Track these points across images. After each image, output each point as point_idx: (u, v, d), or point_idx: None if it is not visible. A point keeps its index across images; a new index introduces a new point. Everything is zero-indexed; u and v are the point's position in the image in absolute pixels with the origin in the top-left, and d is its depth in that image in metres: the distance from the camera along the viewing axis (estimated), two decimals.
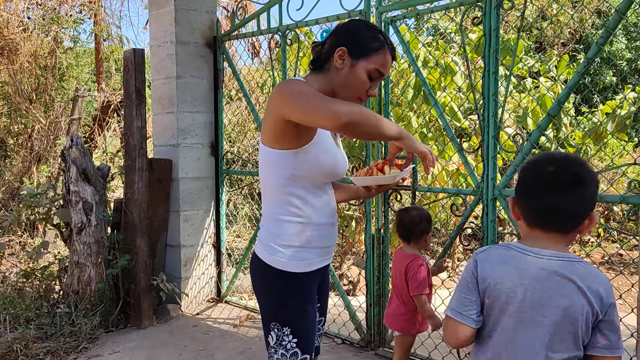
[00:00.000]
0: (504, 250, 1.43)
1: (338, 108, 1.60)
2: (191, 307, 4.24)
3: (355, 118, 1.60)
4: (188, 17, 4.11)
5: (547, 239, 1.38)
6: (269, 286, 1.84)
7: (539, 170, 1.39)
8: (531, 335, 1.35)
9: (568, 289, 1.32)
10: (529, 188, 1.41)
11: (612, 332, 1.34)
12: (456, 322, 1.43)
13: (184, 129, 4.14)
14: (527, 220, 1.41)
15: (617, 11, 2.26)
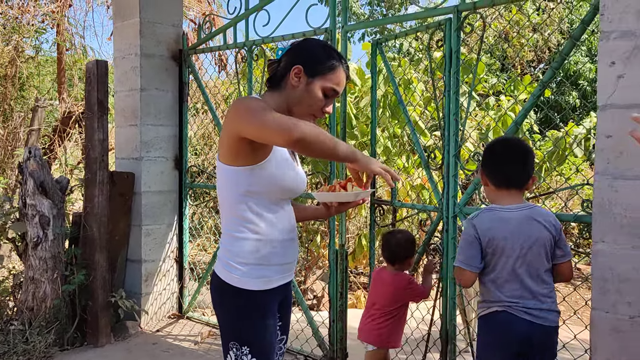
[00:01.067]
0: (489, 212, 2.05)
1: (290, 125, 1.62)
2: (151, 324, 4.15)
3: (306, 136, 1.62)
4: (154, 29, 4.08)
5: (510, 195, 2.06)
6: (228, 304, 1.83)
7: (500, 148, 2.13)
8: (521, 260, 1.99)
9: (535, 225, 1.99)
10: (495, 160, 2.09)
11: (564, 245, 2.04)
12: (464, 270, 2.04)
13: (148, 142, 4.09)
14: (495, 184, 2.08)
15: (583, 22, 2.35)
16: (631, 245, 1.92)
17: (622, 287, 1.95)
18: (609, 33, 1.97)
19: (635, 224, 1.91)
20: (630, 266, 1.93)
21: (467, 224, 2.07)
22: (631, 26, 1.92)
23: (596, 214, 2.02)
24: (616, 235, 1.96)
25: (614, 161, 1.97)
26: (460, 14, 2.75)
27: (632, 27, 1.92)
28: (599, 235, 2.00)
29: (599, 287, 2.00)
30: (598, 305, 2.00)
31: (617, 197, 1.96)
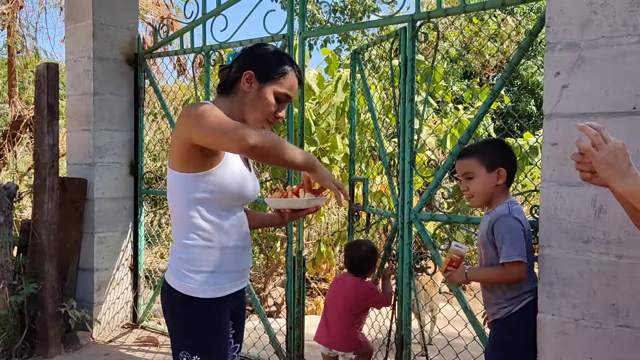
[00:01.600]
0: (517, 206, 2.12)
1: (244, 132, 1.61)
2: (104, 334, 4.04)
3: (261, 143, 1.62)
4: (107, 32, 3.99)
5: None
6: (178, 313, 1.80)
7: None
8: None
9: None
10: (515, 160, 2.18)
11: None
12: (524, 263, 2.02)
13: (101, 147, 3.99)
14: (508, 182, 2.15)
15: (531, 33, 2.42)
16: (575, 249, 1.98)
17: (567, 291, 2.00)
18: (554, 44, 2.03)
19: (579, 229, 1.97)
20: (575, 270, 1.98)
21: (510, 219, 2.06)
22: (575, 38, 1.99)
23: (543, 220, 2.07)
24: (561, 240, 2.01)
25: (559, 168, 2.02)
26: (415, 23, 2.80)
27: (576, 39, 1.99)
28: (545, 240, 2.05)
29: (545, 290, 2.05)
30: (544, 308, 2.05)
31: (562, 203, 2.01)
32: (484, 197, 2.15)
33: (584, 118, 1.96)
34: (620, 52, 1.88)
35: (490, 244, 2.11)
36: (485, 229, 2.13)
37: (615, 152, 1.28)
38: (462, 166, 2.18)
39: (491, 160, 2.12)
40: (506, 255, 2.02)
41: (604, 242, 1.92)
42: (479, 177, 2.13)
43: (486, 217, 2.18)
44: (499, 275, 2.07)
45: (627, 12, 1.87)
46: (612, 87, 1.90)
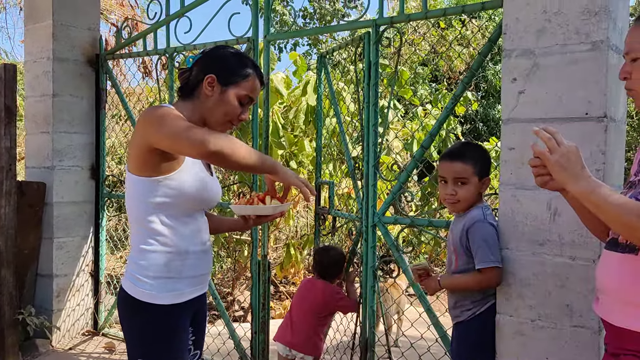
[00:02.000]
0: (490, 211, 2.13)
1: (205, 137, 1.59)
2: (63, 342, 3.94)
3: (223, 148, 1.60)
4: (68, 33, 3.91)
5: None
6: (135, 320, 1.77)
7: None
8: None
9: None
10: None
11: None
12: (500, 269, 2.03)
13: (61, 151, 3.90)
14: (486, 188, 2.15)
15: (490, 40, 2.46)
16: (531, 251, 2.03)
17: (523, 292, 2.05)
18: (511, 51, 2.08)
19: (534, 231, 2.02)
20: (531, 272, 2.03)
21: (486, 225, 2.05)
22: (530, 45, 2.04)
23: (501, 222, 2.11)
24: (518, 243, 2.06)
25: (516, 172, 2.07)
26: (378, 27, 2.82)
27: (531, 46, 2.04)
28: (504, 242, 2.09)
29: (503, 292, 2.09)
30: (502, 309, 2.09)
31: (520, 206, 2.06)
32: (469, 204, 2.12)
33: (540, 123, 2.01)
34: (573, 60, 1.93)
35: (464, 249, 2.09)
36: (459, 233, 2.11)
37: (568, 155, 1.32)
38: (455, 170, 2.11)
39: (483, 168, 2.12)
40: (483, 260, 2.01)
41: (559, 245, 1.97)
42: (471, 185, 2.09)
43: (458, 221, 2.15)
44: (475, 282, 2.05)
45: (580, 20, 1.92)
46: (565, 93, 1.96)
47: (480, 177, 2.10)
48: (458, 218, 2.18)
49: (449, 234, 2.23)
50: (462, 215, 2.14)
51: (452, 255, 2.17)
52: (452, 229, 2.19)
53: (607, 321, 1.42)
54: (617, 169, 2.01)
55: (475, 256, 2.03)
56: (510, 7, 2.08)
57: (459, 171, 2.10)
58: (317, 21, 11.60)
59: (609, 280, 1.40)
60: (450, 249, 2.18)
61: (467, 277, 2.08)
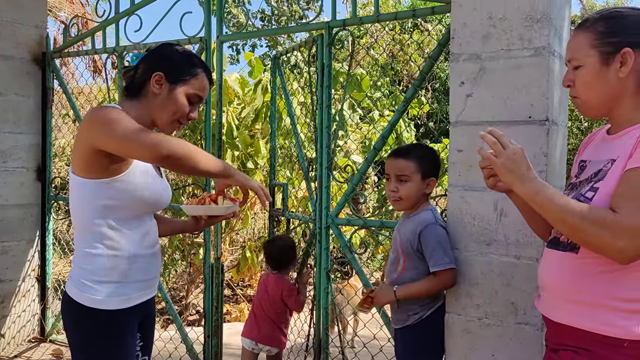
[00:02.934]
0: (438, 213, 2.14)
1: (157, 141, 1.57)
2: (9, 349, 3.80)
3: (175, 153, 1.58)
4: (13, 29, 3.77)
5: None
6: (80, 326, 1.72)
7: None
8: None
9: None
10: (439, 171, 2.17)
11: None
12: (455, 270, 2.03)
13: (5, 152, 3.75)
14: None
15: (440, 44, 2.51)
16: (479, 251, 2.07)
17: (471, 291, 2.09)
18: (459, 55, 2.13)
19: (482, 232, 2.07)
20: (479, 271, 2.08)
21: (438, 227, 2.05)
22: (477, 50, 2.09)
23: (450, 223, 2.15)
24: (467, 243, 2.10)
25: (464, 174, 2.11)
26: (331, 30, 2.83)
27: (478, 51, 2.09)
28: (453, 242, 2.13)
29: (452, 291, 2.13)
30: (451, 308, 2.13)
31: (467, 207, 2.10)
32: (411, 203, 2.11)
33: (487, 125, 2.04)
34: (517, 65, 1.99)
35: (415, 251, 2.07)
36: (409, 236, 2.08)
37: (514, 157, 1.36)
38: (398, 167, 2.10)
39: (427, 168, 2.10)
40: (439, 263, 2.00)
41: (505, 244, 2.02)
42: (413, 183, 2.08)
43: (407, 224, 2.13)
44: (433, 285, 2.04)
45: (523, 26, 1.98)
46: (510, 97, 2.01)
47: (423, 177, 2.10)
48: (406, 219, 2.17)
49: (394, 235, 2.20)
50: (410, 217, 2.14)
51: (399, 257, 2.13)
52: (399, 229, 2.17)
53: (547, 317, 1.47)
54: (558, 170, 2.08)
55: (430, 259, 2.03)
56: (458, 12, 2.12)
57: (401, 168, 2.10)
58: (275, 24, 11.58)
59: (550, 278, 1.44)
60: (396, 251, 2.15)
61: (424, 282, 2.05)
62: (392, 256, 2.17)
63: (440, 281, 2.04)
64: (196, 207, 1.92)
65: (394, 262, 2.16)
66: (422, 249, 2.05)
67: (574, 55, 1.43)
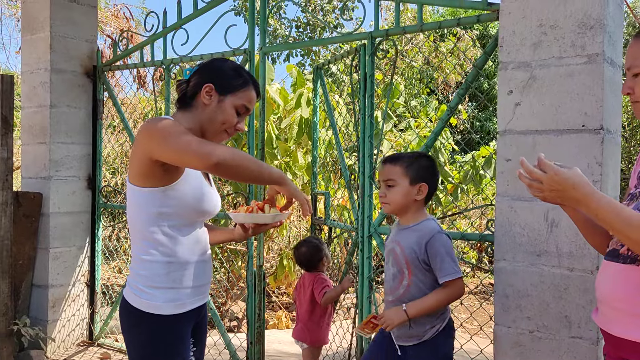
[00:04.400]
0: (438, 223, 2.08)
1: (210, 149, 1.61)
2: (59, 353, 3.92)
3: (226, 160, 1.62)
4: (66, 44, 3.92)
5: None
6: (137, 330, 1.77)
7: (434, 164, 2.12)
8: None
9: None
10: (437, 176, 2.11)
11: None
12: (462, 279, 1.96)
13: (58, 161, 3.89)
14: (428, 199, 2.07)
15: (485, 53, 2.49)
16: (529, 262, 2.04)
17: (521, 303, 2.06)
18: (507, 64, 2.11)
19: (532, 242, 2.03)
20: (529, 282, 2.04)
21: (444, 236, 2.00)
22: (527, 58, 2.07)
23: (498, 233, 2.13)
24: (515, 253, 2.07)
25: (513, 183, 2.09)
26: (374, 40, 2.85)
27: (527, 59, 2.07)
28: (500, 253, 2.11)
29: (500, 303, 2.10)
30: (500, 320, 2.10)
31: (516, 217, 2.08)
32: (399, 208, 2.05)
33: (536, 135, 2.04)
34: (569, 72, 1.96)
35: (421, 263, 1.98)
36: (414, 247, 2.00)
37: (555, 185, 1.32)
38: (386, 172, 2.06)
39: (416, 173, 2.03)
40: (450, 273, 1.94)
41: (556, 255, 1.99)
42: (400, 187, 2.02)
43: (408, 234, 2.04)
44: (445, 297, 1.96)
45: (575, 34, 1.96)
46: (562, 105, 1.98)
47: (412, 181, 2.02)
48: (403, 230, 2.07)
49: (391, 248, 2.09)
50: (410, 228, 2.05)
51: (402, 270, 2.02)
52: (399, 241, 2.06)
53: (606, 331, 1.43)
54: (613, 180, 2.04)
55: (439, 269, 1.95)
56: (507, 20, 2.11)
57: (388, 173, 2.05)
58: (309, 32, 11.67)
59: (609, 291, 1.41)
60: (398, 264, 2.04)
61: (435, 295, 1.97)
62: (393, 270, 2.06)
63: (451, 292, 1.97)
64: (244, 215, 1.94)
65: (397, 277, 2.05)
66: (428, 260, 1.97)
67: (633, 63, 1.40)
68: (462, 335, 4.22)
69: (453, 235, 3.01)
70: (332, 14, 11.04)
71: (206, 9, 3.47)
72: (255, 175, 1.72)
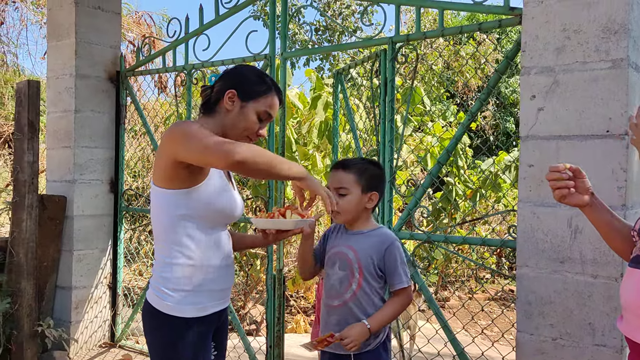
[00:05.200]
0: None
1: (230, 147, 1.63)
2: (81, 354, 3.97)
3: (248, 157, 1.64)
4: (90, 50, 3.99)
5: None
6: (159, 332, 1.79)
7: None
8: None
9: None
10: (384, 187, 2.13)
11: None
12: (410, 287, 1.96)
13: (82, 165, 3.96)
14: (375, 206, 2.04)
15: (507, 57, 2.48)
16: (552, 269, 2.02)
17: (544, 310, 2.04)
18: (530, 68, 2.10)
19: (555, 248, 2.01)
20: (552, 289, 2.02)
21: (399, 244, 1.99)
22: (550, 63, 2.06)
23: (520, 239, 2.11)
24: (538, 260, 2.05)
25: (535, 189, 2.07)
26: (394, 45, 2.85)
27: (551, 64, 2.05)
28: (523, 259, 2.09)
29: (523, 310, 2.09)
30: (523, 327, 2.09)
31: (539, 223, 2.06)
32: (351, 216, 1.99)
33: (560, 140, 2.03)
34: (593, 77, 1.95)
35: (375, 268, 1.94)
36: (370, 252, 1.94)
37: None
38: (338, 179, 1.98)
39: (368, 182, 1.97)
40: (402, 281, 1.92)
41: (580, 262, 1.97)
42: (353, 196, 1.95)
43: (363, 240, 1.98)
44: (399, 306, 1.95)
45: (600, 38, 1.94)
46: (586, 110, 1.97)
47: (364, 190, 1.96)
48: (355, 236, 2.01)
49: (340, 251, 2.02)
50: (365, 233, 2.00)
51: (354, 273, 1.96)
52: (351, 246, 1.99)
53: (632, 340, 1.42)
54: (637, 186, 2.01)
55: (392, 277, 1.93)
56: (529, 25, 2.10)
57: (340, 180, 1.97)
58: (328, 35, 11.69)
59: (634, 299, 1.39)
60: (350, 267, 1.97)
61: (391, 306, 1.94)
62: (341, 274, 1.99)
63: (403, 300, 1.96)
64: (265, 220, 1.93)
65: (344, 281, 1.97)
66: (384, 267, 1.94)
67: None
68: (483, 342, 4.18)
69: (473, 240, 3.02)
70: (352, 18, 11.06)
71: (227, 14, 3.51)
72: (277, 171, 1.72)
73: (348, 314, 1.95)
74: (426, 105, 6.09)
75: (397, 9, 2.86)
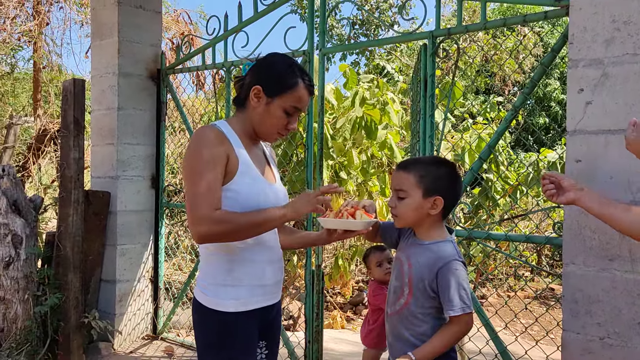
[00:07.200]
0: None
1: (198, 221, 1.67)
2: (125, 345, 4.08)
3: (211, 235, 1.69)
4: (132, 49, 4.08)
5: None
6: (204, 327, 1.82)
7: (457, 172, 1.86)
8: None
9: None
10: (460, 186, 1.83)
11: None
12: (472, 313, 1.74)
13: (124, 161, 4.06)
14: (445, 214, 1.82)
15: (553, 50, 2.42)
16: (600, 267, 1.97)
17: (592, 309, 1.99)
18: (578, 61, 2.04)
19: (603, 246, 1.96)
20: (600, 288, 1.97)
21: (459, 265, 1.75)
22: (599, 55, 2.00)
23: (566, 236, 2.06)
24: (585, 257, 2.00)
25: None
26: (435, 39, 2.81)
27: (600, 56, 1.99)
28: (569, 257, 2.04)
29: (569, 308, 2.04)
30: (569, 326, 2.04)
31: (587, 220, 2.01)
32: (411, 221, 1.82)
33: (609, 135, 1.97)
34: None
35: (427, 287, 1.76)
36: (423, 269, 1.77)
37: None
38: (398, 180, 1.82)
39: (431, 185, 1.76)
40: (456, 308, 1.70)
41: (630, 260, 1.91)
42: (411, 200, 1.77)
43: (421, 252, 1.81)
44: (453, 336, 1.73)
45: None
46: (637, 104, 1.90)
47: (425, 194, 1.76)
48: (418, 245, 1.84)
49: (399, 259, 1.88)
50: (425, 245, 1.81)
51: (404, 287, 1.82)
52: (409, 256, 1.84)
53: None
54: None
55: (447, 301, 1.72)
56: (577, 16, 2.04)
57: (400, 182, 1.80)
58: (365, 29, 11.62)
59: None
60: (402, 280, 1.83)
61: (442, 336, 1.73)
62: (395, 284, 1.86)
63: (458, 329, 1.73)
64: (334, 221, 1.85)
65: (397, 292, 1.85)
66: (436, 287, 1.75)
67: None
68: (523, 340, 4.11)
69: (517, 237, 2.96)
70: (389, 11, 10.97)
71: (266, 11, 3.53)
72: (253, 232, 1.75)
73: (397, 326, 1.84)
74: (467, 100, 5.99)
75: (437, 2, 2.81)
